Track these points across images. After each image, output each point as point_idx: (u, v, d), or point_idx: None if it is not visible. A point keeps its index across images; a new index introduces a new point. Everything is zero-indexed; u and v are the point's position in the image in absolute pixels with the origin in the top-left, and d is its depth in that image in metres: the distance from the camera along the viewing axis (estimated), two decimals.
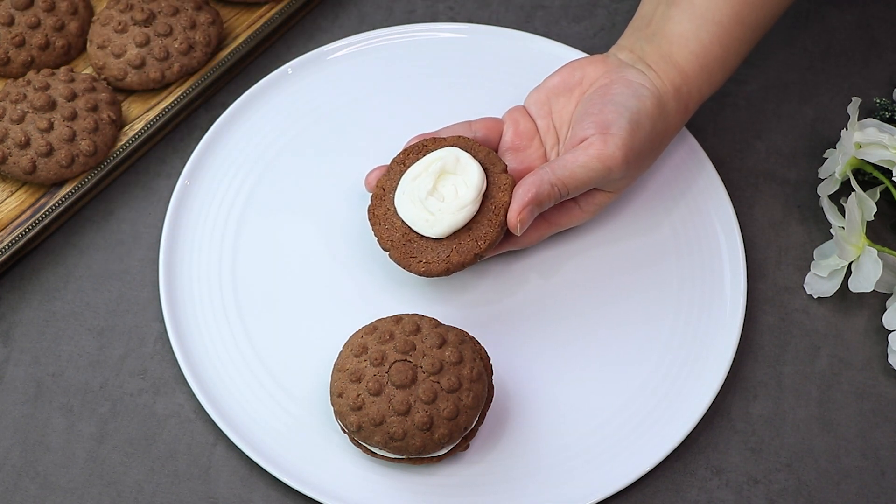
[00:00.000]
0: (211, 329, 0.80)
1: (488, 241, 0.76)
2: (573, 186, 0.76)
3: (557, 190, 0.76)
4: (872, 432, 0.79)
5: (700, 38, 0.79)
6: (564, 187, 0.76)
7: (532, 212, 0.75)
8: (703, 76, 0.80)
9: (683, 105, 0.80)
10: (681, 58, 0.79)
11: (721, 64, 0.80)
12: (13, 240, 0.82)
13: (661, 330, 0.81)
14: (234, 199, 0.85)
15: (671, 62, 0.79)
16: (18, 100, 0.83)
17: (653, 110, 0.77)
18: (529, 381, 0.79)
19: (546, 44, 0.90)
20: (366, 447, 0.75)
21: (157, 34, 0.86)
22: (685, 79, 0.79)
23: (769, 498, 0.77)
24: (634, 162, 0.77)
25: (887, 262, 0.81)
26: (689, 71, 0.79)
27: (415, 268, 0.76)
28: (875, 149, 0.81)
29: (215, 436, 0.78)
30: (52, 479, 0.77)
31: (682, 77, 0.79)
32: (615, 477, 0.76)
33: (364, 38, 0.90)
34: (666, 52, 0.79)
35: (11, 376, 0.80)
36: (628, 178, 0.79)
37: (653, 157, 0.80)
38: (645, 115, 0.77)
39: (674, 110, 0.79)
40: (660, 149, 0.80)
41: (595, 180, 0.76)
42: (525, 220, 0.75)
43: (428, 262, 0.76)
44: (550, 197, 0.76)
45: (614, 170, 0.76)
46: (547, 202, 0.76)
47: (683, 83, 0.79)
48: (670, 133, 0.80)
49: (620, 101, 0.77)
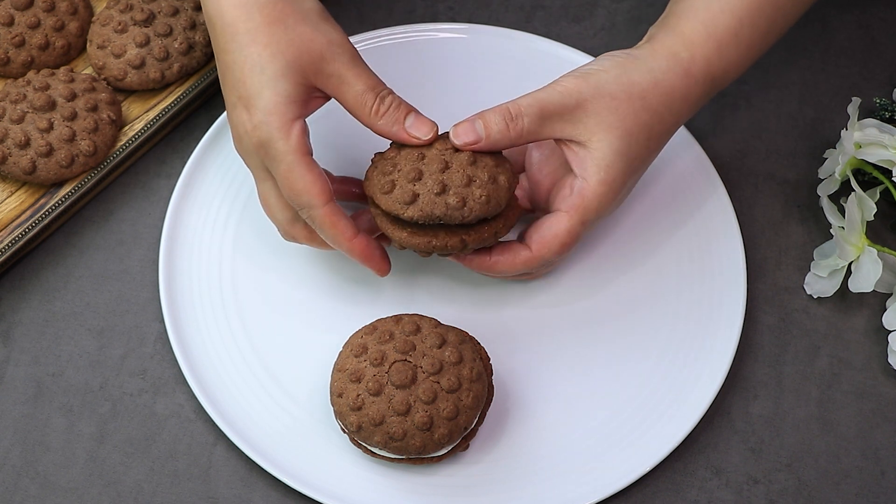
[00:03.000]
0: (211, 329, 0.80)
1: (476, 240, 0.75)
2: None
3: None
4: (872, 432, 0.79)
5: (710, 7, 0.75)
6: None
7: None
8: (711, 45, 0.74)
9: (683, 70, 0.74)
10: (686, 27, 0.75)
11: (733, 36, 0.75)
12: (13, 240, 0.82)
13: (661, 330, 0.81)
14: (234, 199, 0.85)
15: (675, 31, 0.75)
16: (18, 100, 0.83)
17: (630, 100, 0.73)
18: (529, 381, 0.79)
19: (546, 44, 0.90)
20: (366, 447, 0.75)
21: (156, 34, 0.86)
22: (687, 44, 0.74)
23: (769, 498, 0.77)
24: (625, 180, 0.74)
25: (887, 262, 0.81)
26: (693, 38, 0.74)
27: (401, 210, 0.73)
28: (875, 149, 0.81)
29: (215, 436, 0.78)
30: (52, 479, 0.77)
31: (682, 42, 0.75)
32: (615, 477, 0.76)
33: (363, 38, 0.90)
34: (672, 25, 0.75)
35: (11, 376, 0.80)
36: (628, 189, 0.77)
37: (652, 149, 0.75)
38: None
39: (669, 73, 0.74)
40: (661, 131, 0.75)
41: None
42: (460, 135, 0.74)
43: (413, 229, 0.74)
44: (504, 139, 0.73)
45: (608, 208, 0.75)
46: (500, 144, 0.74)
47: (684, 49, 0.74)
48: (674, 103, 0.74)
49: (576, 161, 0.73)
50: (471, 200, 0.72)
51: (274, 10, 0.72)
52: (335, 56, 0.72)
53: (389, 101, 0.74)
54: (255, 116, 0.71)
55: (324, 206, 0.72)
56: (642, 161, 0.75)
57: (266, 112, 0.71)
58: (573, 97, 0.73)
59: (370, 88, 0.73)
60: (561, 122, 0.73)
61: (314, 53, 0.72)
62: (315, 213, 0.72)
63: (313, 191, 0.72)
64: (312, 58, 0.72)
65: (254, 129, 0.72)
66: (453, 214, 0.72)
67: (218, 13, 0.72)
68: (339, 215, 0.73)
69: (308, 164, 0.72)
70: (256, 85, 0.71)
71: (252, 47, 0.71)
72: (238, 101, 0.72)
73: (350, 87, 0.73)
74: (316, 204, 0.72)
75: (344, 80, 0.73)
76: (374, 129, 0.74)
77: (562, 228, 0.74)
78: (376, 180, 0.74)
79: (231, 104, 0.73)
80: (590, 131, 0.73)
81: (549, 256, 0.75)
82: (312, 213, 0.72)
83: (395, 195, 0.72)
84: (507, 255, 0.75)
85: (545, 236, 0.74)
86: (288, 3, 0.72)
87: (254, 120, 0.72)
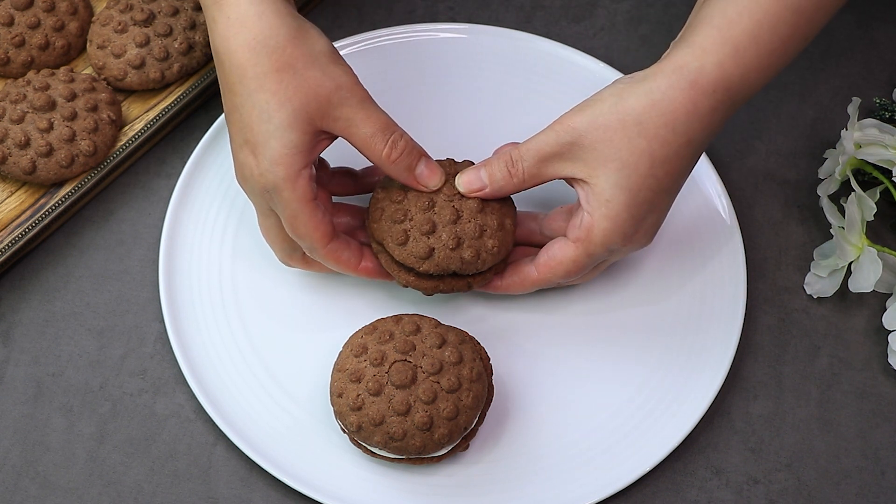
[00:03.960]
0: (211, 329, 0.80)
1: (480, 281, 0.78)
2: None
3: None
4: (872, 432, 0.79)
5: (725, 13, 0.71)
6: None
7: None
8: (726, 49, 0.71)
9: (688, 83, 0.71)
10: (700, 36, 0.71)
11: (751, 39, 0.71)
12: (13, 240, 0.82)
13: (661, 330, 0.81)
14: (234, 199, 0.85)
15: (688, 43, 0.72)
16: (18, 100, 0.83)
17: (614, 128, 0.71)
18: (529, 381, 0.79)
19: (546, 44, 0.90)
20: (366, 447, 0.75)
21: (156, 34, 0.86)
22: (697, 54, 0.71)
23: (769, 498, 0.77)
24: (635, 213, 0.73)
25: (887, 262, 0.81)
26: (706, 45, 0.71)
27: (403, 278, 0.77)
28: (875, 149, 0.81)
29: (215, 436, 0.78)
30: (52, 479, 0.77)
31: (692, 53, 0.71)
32: (615, 477, 0.76)
33: (364, 38, 0.90)
34: (686, 37, 0.72)
35: (11, 376, 0.80)
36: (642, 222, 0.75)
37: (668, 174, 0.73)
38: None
39: (669, 90, 0.71)
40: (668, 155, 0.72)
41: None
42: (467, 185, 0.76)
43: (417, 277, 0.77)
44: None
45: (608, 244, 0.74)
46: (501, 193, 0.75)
47: (694, 59, 0.71)
48: (676, 121, 0.71)
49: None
50: (483, 252, 0.75)
51: (283, 55, 0.71)
52: (343, 100, 0.73)
53: (402, 147, 0.74)
54: (262, 164, 0.72)
55: (325, 247, 0.75)
56: (651, 190, 0.72)
57: (273, 162, 0.72)
58: (569, 135, 0.72)
59: (380, 131, 0.73)
60: (560, 161, 0.73)
61: (321, 99, 0.72)
62: (318, 254, 0.75)
63: (315, 235, 0.74)
64: (320, 103, 0.72)
65: (260, 176, 0.72)
66: (468, 268, 0.75)
67: (227, 53, 0.72)
68: (340, 251, 0.76)
69: (311, 211, 0.73)
70: (263, 133, 0.72)
71: (260, 94, 0.71)
72: (245, 145, 0.73)
73: (359, 130, 0.73)
74: (318, 246, 0.74)
75: (352, 123, 0.73)
76: (386, 172, 0.75)
77: (567, 257, 0.74)
78: (388, 228, 0.75)
79: (237, 145, 0.74)
80: (589, 167, 0.72)
81: (555, 280, 0.76)
82: (315, 253, 0.75)
83: (409, 248, 0.75)
84: (516, 278, 0.78)
85: (551, 261, 0.75)
86: (297, 47, 0.72)
87: (261, 167, 0.72)
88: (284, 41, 0.71)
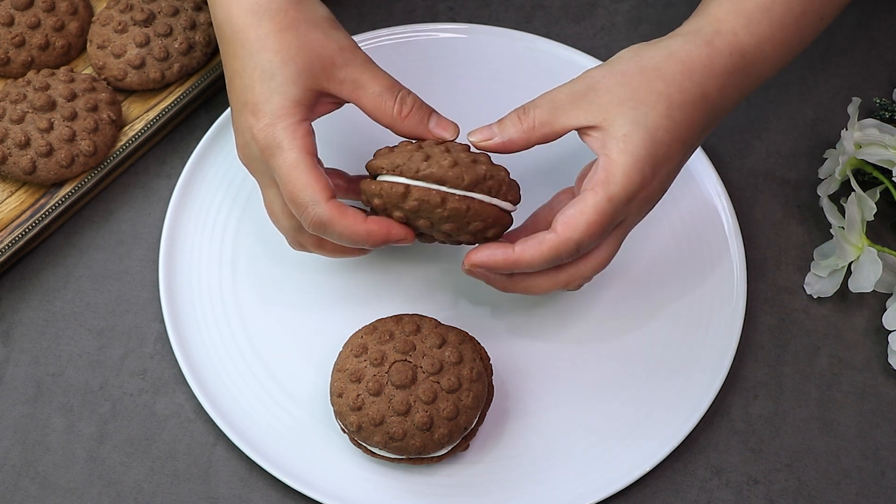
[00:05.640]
0: (211, 329, 0.80)
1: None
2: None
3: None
4: (872, 432, 0.79)
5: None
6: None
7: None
8: (739, 20, 0.72)
9: (704, 41, 0.71)
10: (713, 7, 0.73)
11: (764, 11, 0.72)
12: (13, 240, 0.82)
13: (661, 330, 0.81)
14: (234, 198, 0.85)
15: (701, 14, 0.73)
16: (18, 100, 0.83)
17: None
18: (529, 382, 0.79)
19: (546, 44, 0.90)
20: (366, 447, 0.75)
21: (156, 34, 0.86)
22: (711, 21, 0.72)
23: (769, 498, 0.77)
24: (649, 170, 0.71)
25: (887, 262, 0.81)
26: (719, 15, 0.72)
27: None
28: (875, 149, 0.81)
29: (215, 436, 0.78)
30: (52, 479, 0.77)
31: (706, 20, 0.72)
32: (615, 477, 0.76)
33: (364, 38, 0.90)
34: (700, 10, 0.73)
35: (11, 376, 0.80)
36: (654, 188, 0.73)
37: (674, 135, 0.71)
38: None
39: (686, 45, 0.72)
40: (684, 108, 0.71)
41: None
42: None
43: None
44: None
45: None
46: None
47: (707, 25, 0.72)
48: (693, 71, 0.71)
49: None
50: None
51: (285, 18, 0.72)
52: (347, 61, 0.72)
53: (411, 102, 0.73)
54: (262, 120, 0.71)
55: (327, 201, 0.71)
56: (668, 131, 0.70)
57: (273, 115, 0.71)
58: (584, 83, 0.71)
59: (387, 89, 0.73)
60: (574, 109, 0.71)
61: (325, 59, 0.72)
62: (320, 210, 0.70)
63: (316, 186, 0.70)
64: (324, 64, 0.72)
65: (260, 132, 0.71)
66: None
67: (227, 19, 0.72)
68: (344, 206, 0.71)
69: (311, 163, 0.71)
70: (266, 91, 0.71)
71: (262, 54, 0.71)
72: (245, 107, 0.72)
73: (367, 90, 0.73)
74: (319, 199, 0.70)
75: (359, 84, 0.73)
76: (398, 130, 0.74)
77: (587, 205, 0.69)
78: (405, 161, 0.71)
79: (237, 110, 0.73)
80: (603, 110, 0.70)
81: (577, 237, 0.69)
82: (317, 209, 0.70)
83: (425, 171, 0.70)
84: (532, 242, 0.70)
85: (570, 216, 0.69)
86: (299, 11, 0.72)
87: (260, 123, 0.71)
88: (286, 5, 0.72)
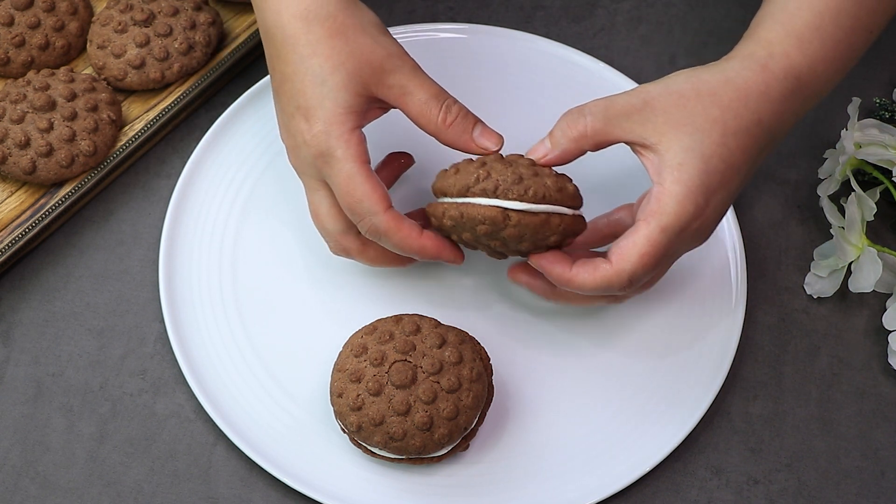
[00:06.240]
0: (211, 329, 0.80)
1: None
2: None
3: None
4: (872, 432, 0.79)
5: (786, 8, 0.72)
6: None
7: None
8: (791, 41, 0.71)
9: (759, 66, 0.71)
10: (763, 30, 0.72)
11: (814, 30, 0.71)
12: (13, 240, 0.82)
13: (661, 330, 0.81)
14: (234, 198, 0.85)
15: (752, 38, 0.73)
16: (18, 100, 0.83)
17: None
18: (529, 381, 0.79)
19: (546, 44, 0.90)
20: (366, 447, 0.75)
21: (156, 34, 0.86)
22: (764, 44, 0.71)
23: (769, 498, 0.77)
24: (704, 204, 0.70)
25: (887, 262, 0.81)
26: (770, 38, 0.72)
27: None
28: (875, 149, 0.81)
29: (215, 436, 0.78)
30: (52, 479, 0.77)
31: (758, 43, 0.72)
32: (615, 477, 0.76)
33: None
34: (750, 34, 0.73)
35: (11, 376, 0.80)
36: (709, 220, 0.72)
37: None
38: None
39: (742, 70, 0.71)
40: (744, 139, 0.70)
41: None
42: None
43: None
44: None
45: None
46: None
47: (760, 48, 0.71)
48: (749, 98, 0.71)
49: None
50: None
51: (335, 23, 0.72)
52: (396, 67, 0.73)
53: (456, 111, 0.74)
54: (315, 126, 0.72)
55: (385, 211, 0.72)
56: (722, 160, 0.70)
57: (326, 122, 0.72)
58: (640, 97, 0.71)
59: (433, 97, 0.73)
60: (628, 121, 0.71)
61: (375, 65, 0.72)
62: (378, 220, 0.72)
63: (374, 197, 0.72)
64: (373, 69, 0.72)
65: (313, 139, 0.72)
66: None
67: (278, 25, 0.73)
68: (401, 218, 0.73)
69: (367, 173, 0.72)
70: (317, 96, 0.72)
71: (313, 59, 0.72)
72: (297, 112, 0.73)
73: (413, 97, 0.73)
74: (378, 210, 0.72)
75: (406, 91, 0.73)
76: (441, 138, 0.74)
77: (640, 236, 0.69)
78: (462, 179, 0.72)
79: (289, 114, 0.74)
80: (659, 132, 0.70)
81: (629, 269, 0.70)
82: (375, 219, 0.72)
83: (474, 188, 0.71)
84: (588, 268, 0.71)
85: (623, 247, 0.70)
86: (349, 16, 0.73)
87: (314, 129, 0.72)
88: (335, 10, 0.72)
